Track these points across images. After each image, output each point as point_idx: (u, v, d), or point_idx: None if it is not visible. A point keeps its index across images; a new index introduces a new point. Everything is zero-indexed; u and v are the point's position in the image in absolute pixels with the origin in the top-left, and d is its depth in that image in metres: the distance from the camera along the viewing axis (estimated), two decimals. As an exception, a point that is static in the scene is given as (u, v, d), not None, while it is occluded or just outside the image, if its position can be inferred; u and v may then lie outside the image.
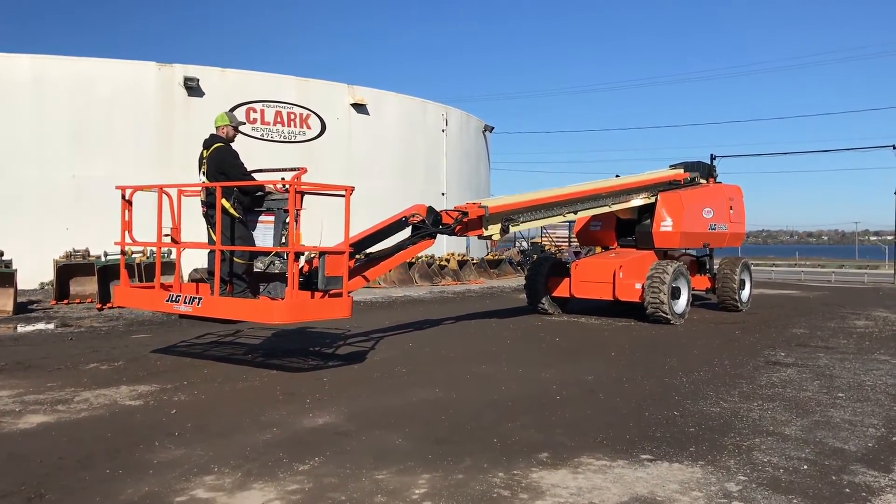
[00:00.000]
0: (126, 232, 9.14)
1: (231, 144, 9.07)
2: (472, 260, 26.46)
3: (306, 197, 8.77)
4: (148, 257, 15.95)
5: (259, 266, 8.64)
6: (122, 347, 10.25)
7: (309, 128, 23.59)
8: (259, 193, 8.91)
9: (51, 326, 12.19)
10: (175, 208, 9.26)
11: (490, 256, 28.87)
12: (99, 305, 14.55)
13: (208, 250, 9.01)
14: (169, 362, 9.09)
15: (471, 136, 31.13)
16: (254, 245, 8.71)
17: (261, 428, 6.10)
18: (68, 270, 15.80)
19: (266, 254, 8.61)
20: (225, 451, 5.45)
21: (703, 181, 16.43)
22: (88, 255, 16.23)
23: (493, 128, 33.25)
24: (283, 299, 8.19)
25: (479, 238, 11.91)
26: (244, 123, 9.40)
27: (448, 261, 24.93)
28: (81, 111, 20.38)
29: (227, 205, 8.43)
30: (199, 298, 8.41)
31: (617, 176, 14.91)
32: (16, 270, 14.24)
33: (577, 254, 21.24)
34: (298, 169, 8.07)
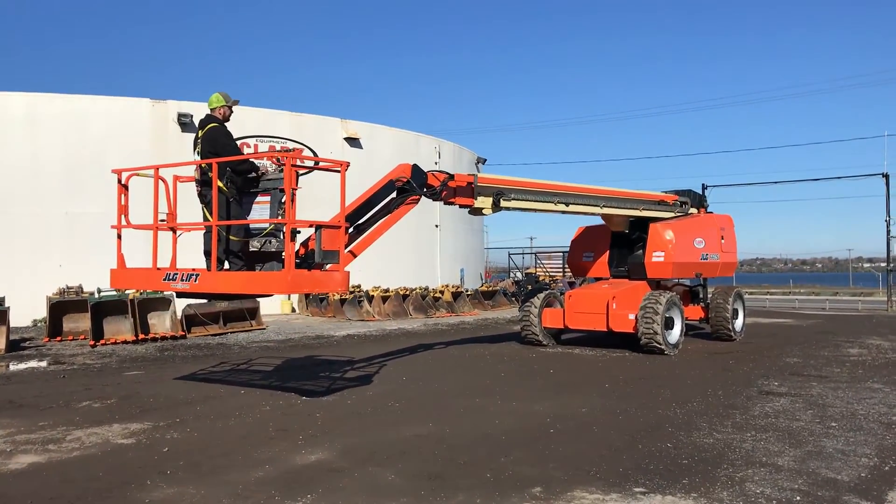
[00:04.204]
0: (122, 216, 9.23)
1: (226, 125, 9.25)
2: (467, 291, 26.46)
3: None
4: (141, 293, 15.95)
5: (255, 245, 8.66)
6: (115, 385, 10.20)
7: (302, 162, 23.68)
8: (252, 175, 8.95)
9: (43, 364, 12.13)
10: (171, 194, 9.32)
11: (484, 288, 28.88)
12: (92, 342, 14.48)
13: (204, 231, 9.04)
14: (161, 399, 9.06)
15: (464, 168, 31.32)
16: (247, 225, 8.77)
17: (253, 465, 6.08)
18: (61, 307, 15.76)
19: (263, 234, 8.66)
20: (217, 489, 5.43)
21: (693, 210, 16.55)
22: (82, 292, 16.22)
23: (485, 160, 33.53)
24: None
25: (469, 211, 11.64)
26: (238, 102, 9.53)
27: (442, 293, 24.93)
28: (75, 148, 20.49)
29: (220, 184, 8.50)
30: (197, 275, 8.39)
31: None
32: (8, 308, 14.21)
33: (570, 284, 21.29)
34: (293, 149, 8.17)
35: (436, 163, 28.46)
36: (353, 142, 25.12)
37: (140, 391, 9.66)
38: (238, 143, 22.84)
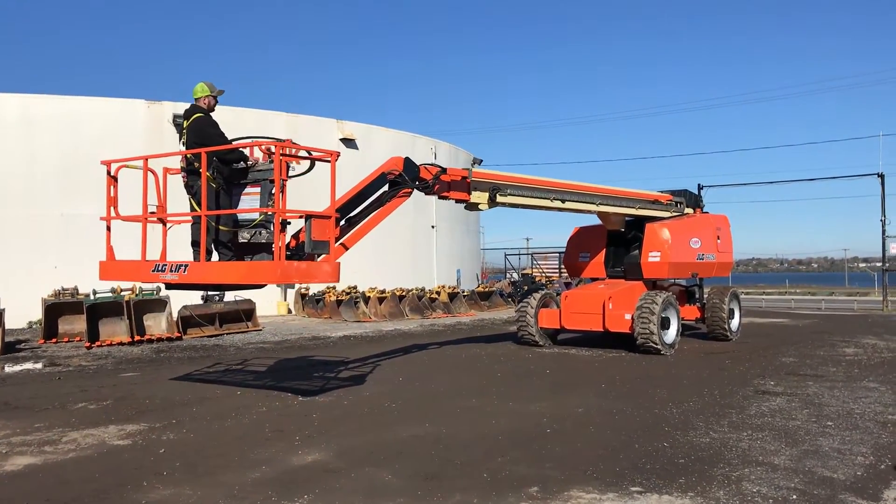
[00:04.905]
0: (111, 208, 9.22)
1: (211, 114, 9.23)
2: (463, 292, 26.46)
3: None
4: (137, 294, 15.92)
5: (245, 236, 8.63)
6: (111, 386, 10.18)
7: (298, 163, 23.62)
8: (241, 166, 8.89)
9: (39, 366, 12.10)
10: (161, 187, 9.27)
11: (481, 289, 28.88)
12: (88, 344, 14.45)
13: (192, 223, 9.00)
14: (157, 401, 9.04)
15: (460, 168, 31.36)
16: (235, 216, 8.73)
17: (249, 466, 6.07)
18: (57, 309, 15.71)
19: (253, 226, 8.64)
20: (214, 490, 5.42)
21: (689, 210, 16.57)
22: (77, 294, 16.17)
23: (481, 160, 33.52)
24: None
25: (465, 207, 11.60)
26: (223, 92, 9.52)
27: (439, 293, 24.92)
28: (70, 149, 20.43)
29: (207, 174, 8.43)
30: (185, 266, 8.34)
31: None
32: (3, 309, 14.17)
33: (567, 285, 21.29)
34: (284, 140, 8.18)
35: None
36: (349, 143, 25.12)
37: (136, 392, 9.64)
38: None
